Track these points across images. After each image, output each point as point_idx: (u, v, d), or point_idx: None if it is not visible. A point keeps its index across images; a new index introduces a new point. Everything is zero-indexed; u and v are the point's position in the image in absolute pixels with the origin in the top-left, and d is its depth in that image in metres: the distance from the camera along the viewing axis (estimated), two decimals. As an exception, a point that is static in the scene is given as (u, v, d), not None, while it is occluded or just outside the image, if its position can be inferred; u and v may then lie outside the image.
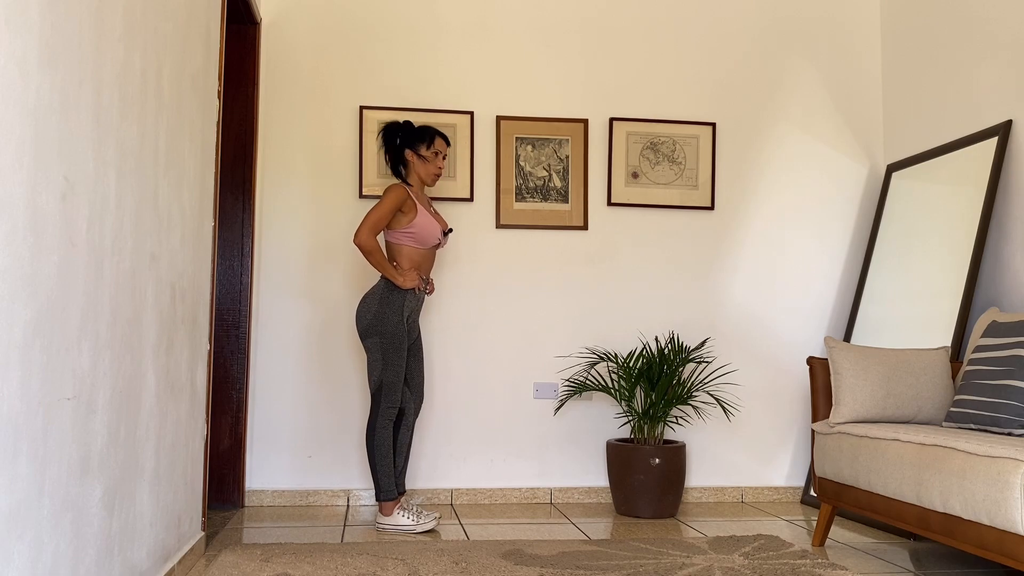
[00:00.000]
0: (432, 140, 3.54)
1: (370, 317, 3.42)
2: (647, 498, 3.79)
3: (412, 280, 3.41)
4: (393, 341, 3.41)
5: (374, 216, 3.37)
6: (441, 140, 3.56)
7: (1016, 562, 2.37)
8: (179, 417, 2.71)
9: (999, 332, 3.06)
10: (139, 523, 2.32)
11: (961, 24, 3.96)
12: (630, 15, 4.38)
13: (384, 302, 3.42)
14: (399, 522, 3.43)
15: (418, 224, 3.45)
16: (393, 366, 3.41)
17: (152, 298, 2.36)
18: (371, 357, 3.43)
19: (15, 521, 1.55)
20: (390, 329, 3.41)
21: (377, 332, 3.41)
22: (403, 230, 3.45)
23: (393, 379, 3.42)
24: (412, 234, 3.45)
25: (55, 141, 1.68)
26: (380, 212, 3.38)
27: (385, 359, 3.41)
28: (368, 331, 3.43)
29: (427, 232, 3.46)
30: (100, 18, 1.92)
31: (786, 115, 4.46)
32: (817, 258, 4.43)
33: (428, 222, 3.46)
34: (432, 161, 3.55)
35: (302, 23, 4.16)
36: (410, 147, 3.54)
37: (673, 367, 3.88)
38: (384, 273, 3.40)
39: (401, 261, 3.48)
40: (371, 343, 3.43)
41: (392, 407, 3.43)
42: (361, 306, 3.46)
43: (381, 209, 3.38)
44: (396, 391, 3.43)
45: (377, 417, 3.43)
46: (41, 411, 1.64)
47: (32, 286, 1.59)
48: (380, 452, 3.42)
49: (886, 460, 2.86)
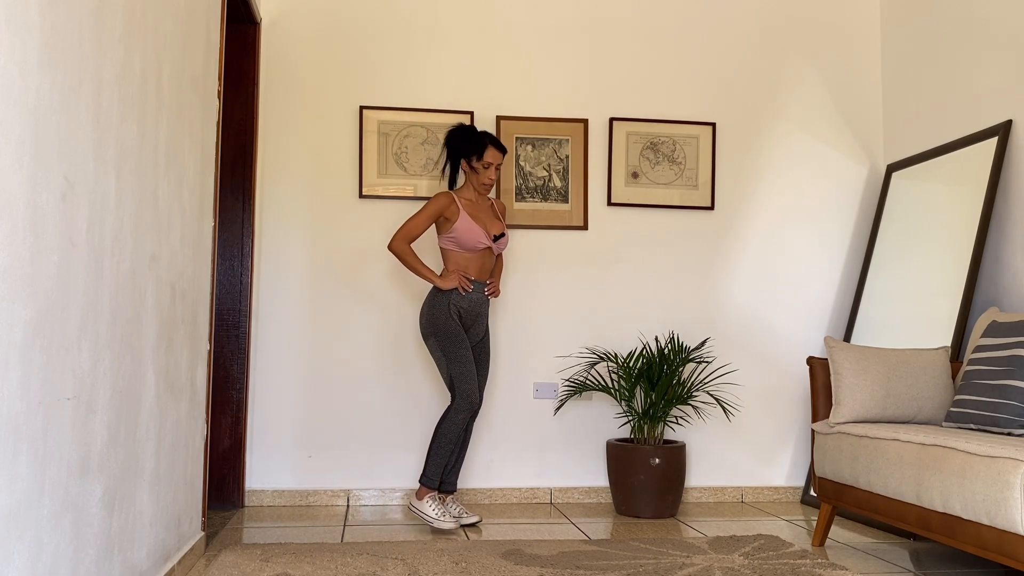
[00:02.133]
0: (483, 152, 3.59)
1: (424, 320, 3.54)
2: (647, 498, 3.79)
3: (452, 282, 3.50)
4: (448, 338, 3.48)
5: (410, 224, 3.51)
6: (494, 151, 3.60)
7: (1016, 562, 2.37)
8: (179, 417, 2.71)
9: (999, 332, 3.06)
10: (139, 523, 2.32)
11: (961, 24, 3.96)
12: (630, 15, 4.38)
13: (431, 304, 3.53)
14: (424, 509, 3.47)
15: (459, 229, 3.53)
16: (456, 361, 3.47)
17: (152, 298, 2.37)
18: (435, 356, 3.54)
19: (15, 521, 1.55)
20: (441, 328, 3.49)
21: (431, 333, 3.51)
22: (446, 235, 3.57)
23: (460, 372, 3.47)
24: (453, 239, 3.55)
25: (55, 141, 1.68)
26: (416, 220, 3.52)
27: (447, 356, 3.49)
28: (425, 334, 3.54)
29: (468, 237, 3.54)
30: (100, 18, 1.92)
31: (786, 115, 4.47)
32: (817, 258, 4.44)
33: (468, 227, 3.54)
34: (482, 172, 3.61)
35: (302, 23, 4.16)
36: (464, 157, 3.62)
37: (673, 367, 3.88)
38: (420, 276, 3.52)
39: (448, 264, 3.60)
40: (431, 344, 3.53)
41: (465, 400, 3.46)
42: (422, 308, 3.59)
43: (418, 216, 3.52)
44: (467, 384, 3.47)
45: (450, 410, 3.48)
46: (41, 411, 1.64)
47: (32, 286, 1.59)
48: (440, 441, 3.48)
49: (886, 460, 2.86)
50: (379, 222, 4.13)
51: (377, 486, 4.05)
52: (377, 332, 4.10)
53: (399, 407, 4.09)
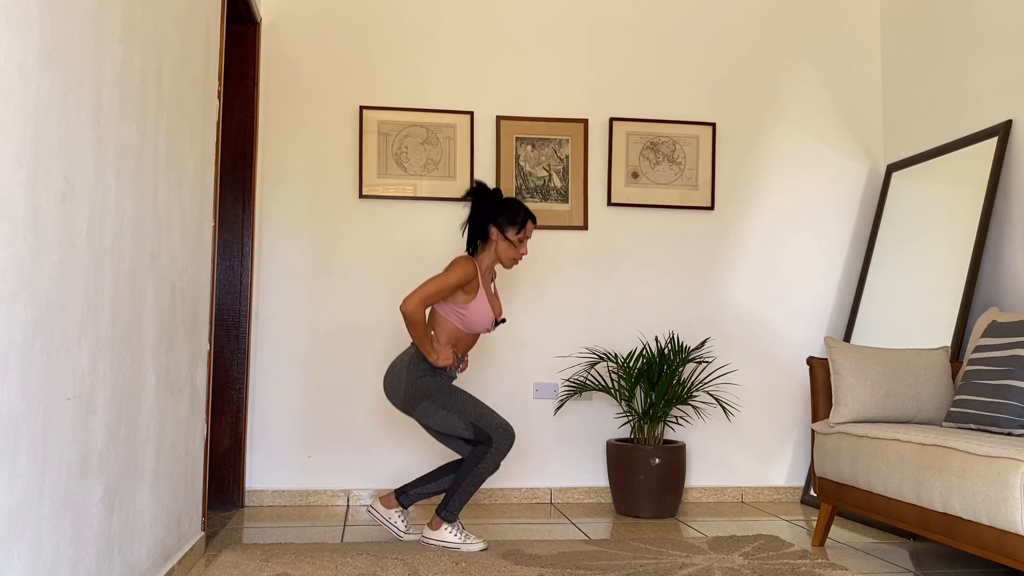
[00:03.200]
0: (524, 224, 3.21)
1: (403, 387, 3.14)
2: (647, 498, 3.79)
3: (446, 358, 3.13)
4: (442, 393, 3.12)
5: (432, 288, 3.07)
6: (532, 224, 3.25)
7: (1016, 562, 2.37)
8: (179, 417, 2.71)
9: (999, 332, 3.06)
10: (139, 523, 2.32)
11: (961, 24, 3.96)
12: (630, 15, 4.38)
13: (414, 368, 3.13)
14: (445, 538, 3.12)
15: (472, 309, 3.16)
16: (467, 405, 3.12)
17: (152, 298, 2.36)
18: (436, 419, 3.13)
19: (15, 521, 1.55)
20: (434, 388, 3.13)
21: (422, 397, 3.13)
22: (456, 307, 3.16)
23: (480, 412, 3.11)
24: (463, 316, 3.16)
25: (55, 141, 1.68)
26: (440, 285, 3.08)
27: (453, 409, 3.11)
28: (410, 402, 3.14)
29: (479, 319, 3.18)
30: (100, 18, 1.92)
31: (786, 115, 4.47)
32: (817, 258, 4.43)
33: (484, 309, 3.18)
34: (518, 246, 3.23)
35: (302, 23, 4.16)
36: (497, 224, 3.20)
37: (673, 367, 3.88)
38: (421, 347, 3.10)
39: (439, 334, 3.18)
40: (423, 409, 3.13)
41: (505, 434, 3.11)
42: (390, 378, 3.17)
43: (444, 281, 3.08)
44: (495, 418, 3.11)
45: (491, 451, 3.10)
46: (41, 411, 1.64)
47: (32, 286, 1.59)
48: (474, 480, 3.11)
49: (886, 460, 2.86)
50: (379, 222, 4.13)
51: (377, 486, 4.05)
52: (377, 332, 4.10)
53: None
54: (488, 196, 3.24)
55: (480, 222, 3.23)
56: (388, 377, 3.19)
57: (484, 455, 3.10)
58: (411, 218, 4.16)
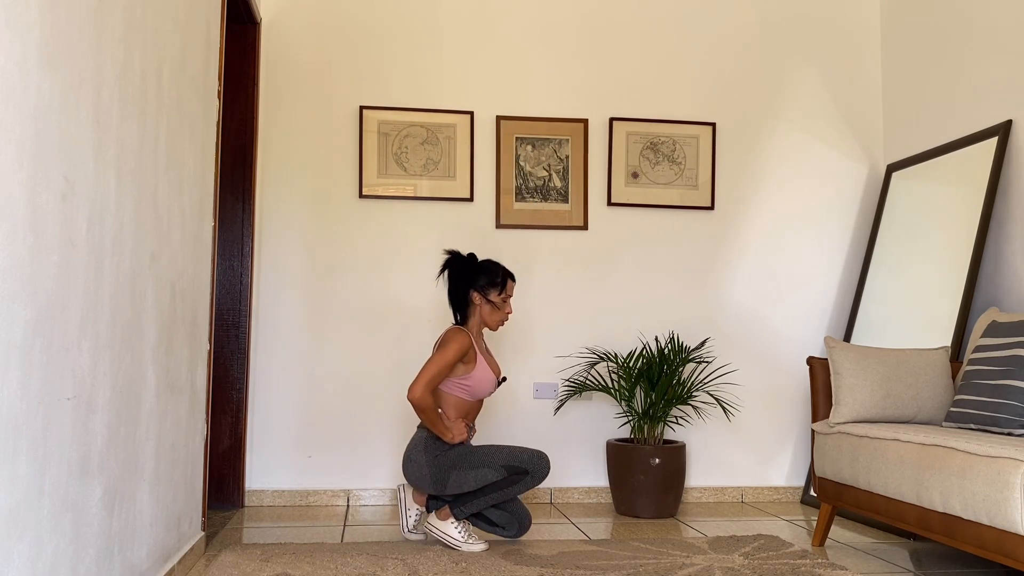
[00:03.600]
0: (504, 284, 3.23)
1: (427, 470, 3.11)
2: (647, 498, 3.79)
3: (460, 433, 3.13)
4: (464, 457, 3.10)
5: (434, 369, 3.07)
6: (512, 283, 3.27)
7: (1016, 562, 2.37)
8: (179, 417, 2.71)
9: (999, 332, 3.06)
10: (139, 523, 2.32)
11: (961, 24, 3.96)
12: (630, 15, 4.38)
13: (431, 450, 3.12)
14: (448, 531, 3.10)
15: (475, 377, 3.17)
16: (492, 454, 3.10)
17: (152, 298, 2.37)
18: (469, 481, 3.09)
19: (15, 521, 1.55)
20: (456, 456, 3.11)
21: (448, 468, 3.09)
22: (457, 380, 3.16)
23: (508, 453, 3.10)
24: (467, 387, 3.17)
25: (55, 141, 1.68)
26: (442, 364, 3.07)
27: (481, 465, 3.08)
28: (439, 480, 3.10)
29: (482, 385, 3.19)
30: (100, 18, 1.92)
31: (786, 115, 4.47)
32: (817, 258, 4.43)
33: (485, 375, 3.19)
34: (501, 308, 3.24)
35: (302, 23, 4.16)
36: (477, 289, 3.21)
37: (673, 367, 3.88)
38: (435, 430, 3.10)
39: (448, 410, 3.18)
40: (455, 479, 3.09)
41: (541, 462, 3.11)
42: (410, 468, 3.14)
43: (443, 360, 3.08)
44: (525, 452, 3.11)
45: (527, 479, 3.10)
46: (41, 411, 1.64)
47: (32, 286, 1.59)
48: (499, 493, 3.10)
49: (886, 460, 2.86)
50: (379, 222, 4.13)
51: (377, 486, 4.05)
52: (377, 332, 4.10)
53: (399, 407, 4.09)
54: (463, 263, 3.25)
55: (460, 289, 3.23)
56: (408, 467, 3.15)
57: (520, 480, 3.10)
58: (411, 218, 4.16)
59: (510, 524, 3.24)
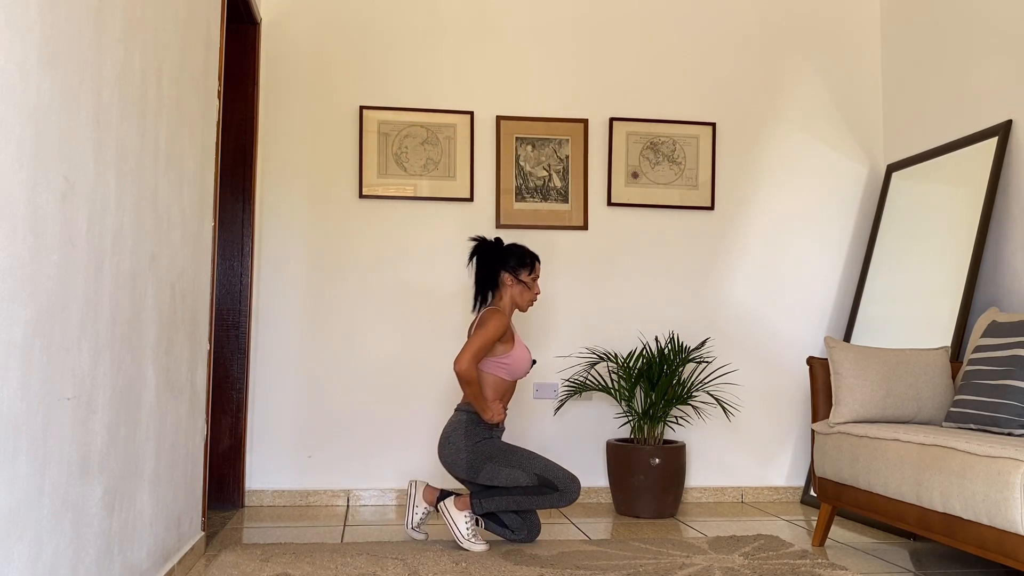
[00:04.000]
0: (534, 264, 3.29)
1: (465, 454, 3.14)
2: (647, 498, 3.79)
3: (499, 413, 3.18)
4: (507, 452, 3.14)
5: (479, 343, 3.10)
6: (539, 264, 3.33)
7: (1016, 562, 2.37)
8: (179, 417, 2.71)
9: (999, 332, 3.06)
10: (139, 523, 2.32)
11: (961, 24, 3.96)
12: (630, 15, 4.38)
13: (472, 434, 3.16)
14: (459, 522, 3.11)
15: (514, 356, 3.22)
16: (530, 460, 3.13)
17: (152, 298, 2.37)
18: (501, 478, 3.12)
19: (15, 521, 1.55)
20: (495, 448, 3.15)
21: (484, 459, 3.13)
22: (497, 359, 3.20)
23: (544, 464, 3.13)
24: (507, 365, 3.21)
25: (55, 141, 1.68)
26: (485, 339, 3.12)
27: (517, 465, 3.12)
28: (474, 467, 3.13)
29: (521, 364, 3.24)
30: (100, 18, 1.92)
31: (786, 115, 4.47)
32: (817, 258, 4.43)
33: (523, 354, 3.25)
34: (531, 288, 3.29)
35: (302, 23, 4.16)
36: (508, 270, 3.26)
37: (673, 367, 3.88)
38: (476, 405, 3.13)
39: (486, 390, 3.20)
40: (488, 471, 3.12)
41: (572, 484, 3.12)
42: (447, 448, 3.16)
43: (486, 336, 3.12)
44: (559, 470, 3.13)
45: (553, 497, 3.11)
46: (41, 411, 1.64)
47: (32, 286, 1.59)
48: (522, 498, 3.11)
49: (886, 460, 2.86)
50: (379, 222, 4.13)
51: (377, 486, 4.05)
52: (377, 331, 4.10)
53: (399, 407, 4.09)
54: (491, 246, 3.31)
55: (489, 272, 3.28)
56: (445, 448, 3.17)
57: (547, 494, 3.11)
58: (411, 218, 4.16)
59: (520, 529, 3.23)
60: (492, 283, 3.29)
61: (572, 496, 3.13)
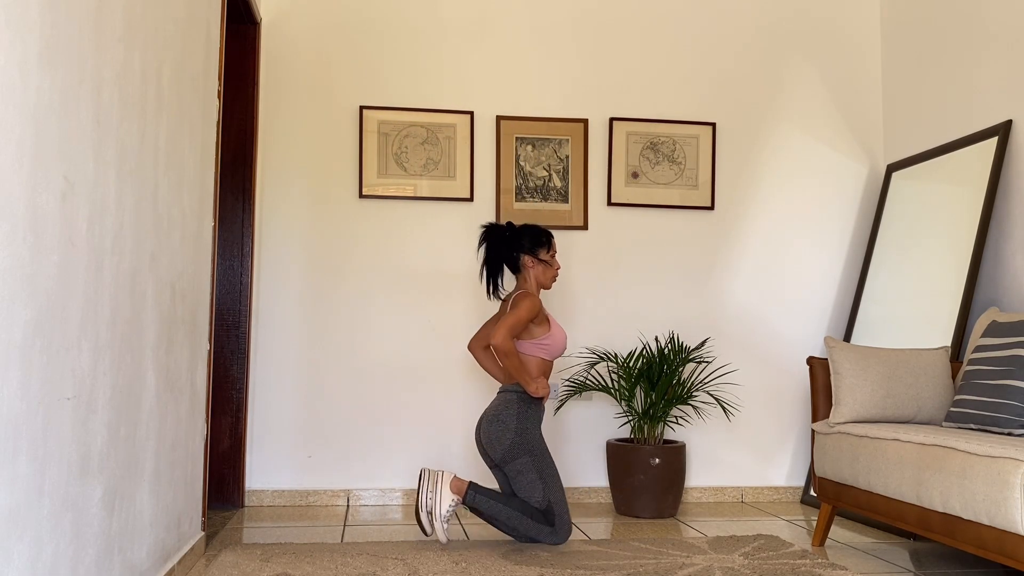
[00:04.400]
0: (550, 241, 3.33)
1: (511, 435, 3.13)
2: (647, 498, 3.79)
3: (544, 387, 3.18)
4: (543, 456, 3.16)
5: (512, 320, 3.12)
6: (554, 240, 3.38)
7: (1016, 562, 2.37)
8: (179, 417, 2.71)
9: (999, 332, 3.06)
10: (139, 523, 2.32)
11: (961, 24, 3.96)
12: (630, 15, 4.38)
13: (523, 416, 3.16)
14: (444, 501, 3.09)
15: (553, 335, 3.24)
16: (554, 484, 3.14)
17: (152, 298, 2.37)
18: (524, 479, 3.12)
19: (15, 521, 1.55)
20: (537, 444, 3.16)
21: (525, 451, 3.13)
22: (537, 342, 3.23)
23: (559, 498, 3.14)
24: (547, 346, 3.24)
25: (55, 141, 1.68)
26: (519, 317, 3.13)
27: (543, 478, 3.13)
28: (513, 452, 3.13)
29: (560, 342, 3.26)
30: (100, 18, 1.92)
31: (786, 115, 4.47)
32: (817, 258, 4.43)
33: (561, 332, 3.28)
34: (552, 264, 3.33)
35: (302, 23, 4.16)
36: (527, 251, 3.29)
37: (673, 367, 3.88)
38: (520, 378, 3.15)
39: (532, 370, 3.24)
40: (521, 464, 3.13)
41: (565, 529, 3.12)
42: (495, 426, 3.16)
43: (519, 315, 3.14)
44: (566, 511, 3.14)
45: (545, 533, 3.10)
46: (41, 411, 1.64)
47: (32, 286, 1.59)
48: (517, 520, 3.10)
49: (886, 460, 2.86)
50: (379, 222, 4.13)
51: (377, 486, 4.05)
52: (377, 331, 4.10)
53: (399, 407, 4.09)
54: (503, 231, 3.32)
55: (508, 257, 3.31)
56: (494, 425, 3.16)
57: (541, 524, 3.10)
58: (411, 218, 4.16)
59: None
60: (514, 267, 3.32)
61: (561, 540, 3.13)
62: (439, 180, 4.16)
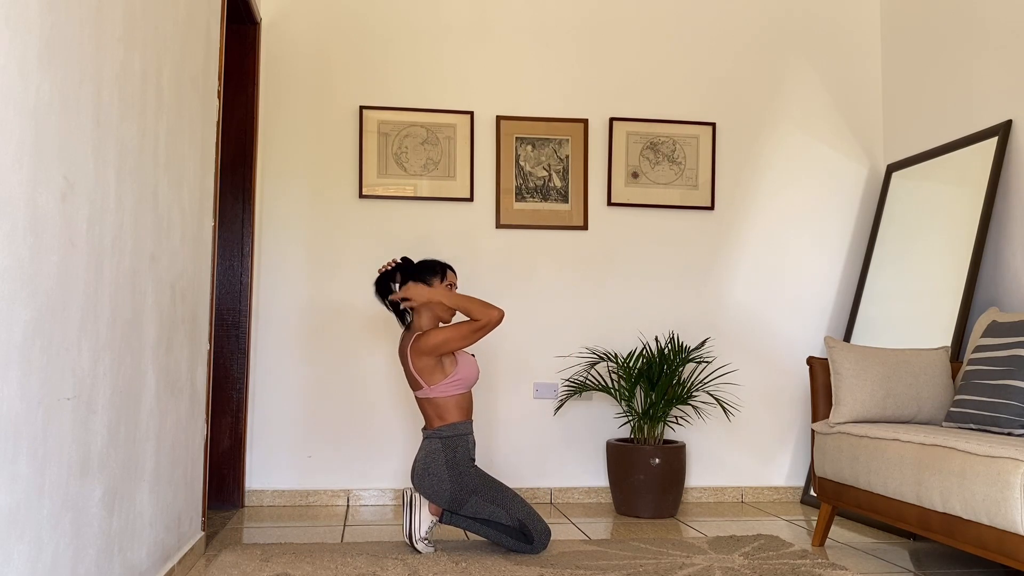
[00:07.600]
0: (444, 273, 3.18)
1: (448, 485, 3.02)
2: (647, 498, 3.79)
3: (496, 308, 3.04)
4: (489, 486, 3.05)
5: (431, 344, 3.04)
6: (452, 272, 3.22)
7: (1016, 562, 2.37)
8: (179, 417, 2.71)
9: (999, 332, 3.06)
10: (139, 523, 2.32)
11: (961, 24, 3.96)
12: (630, 15, 4.38)
13: (452, 463, 3.04)
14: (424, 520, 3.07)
15: (461, 366, 3.11)
16: (512, 501, 3.05)
17: (152, 298, 2.37)
18: (484, 512, 3.03)
19: (15, 521, 1.55)
20: (478, 480, 3.05)
21: (469, 492, 3.02)
22: (448, 381, 3.08)
23: (527, 510, 3.04)
24: (459, 380, 3.10)
25: (55, 141, 1.68)
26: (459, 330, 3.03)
27: (499, 503, 3.03)
28: (458, 499, 3.02)
29: (471, 370, 3.14)
30: (100, 18, 1.92)
31: (786, 115, 4.46)
32: (817, 258, 4.43)
33: (468, 360, 3.15)
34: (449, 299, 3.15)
35: (302, 23, 4.16)
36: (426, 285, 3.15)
37: (673, 367, 3.88)
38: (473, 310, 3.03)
39: (451, 411, 3.09)
40: (472, 504, 3.03)
41: (545, 537, 3.03)
42: (428, 480, 3.03)
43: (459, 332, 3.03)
44: (538, 520, 3.05)
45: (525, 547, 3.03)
46: (41, 411, 1.64)
47: (32, 286, 1.59)
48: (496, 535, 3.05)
49: (886, 460, 2.86)
50: (379, 222, 4.13)
51: (377, 486, 4.05)
52: (377, 332, 4.10)
53: (399, 407, 4.09)
54: (401, 269, 3.19)
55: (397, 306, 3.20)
56: (426, 479, 3.04)
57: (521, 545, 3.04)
58: (411, 218, 4.16)
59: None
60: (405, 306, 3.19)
61: (541, 549, 3.05)
62: (439, 180, 4.16)
